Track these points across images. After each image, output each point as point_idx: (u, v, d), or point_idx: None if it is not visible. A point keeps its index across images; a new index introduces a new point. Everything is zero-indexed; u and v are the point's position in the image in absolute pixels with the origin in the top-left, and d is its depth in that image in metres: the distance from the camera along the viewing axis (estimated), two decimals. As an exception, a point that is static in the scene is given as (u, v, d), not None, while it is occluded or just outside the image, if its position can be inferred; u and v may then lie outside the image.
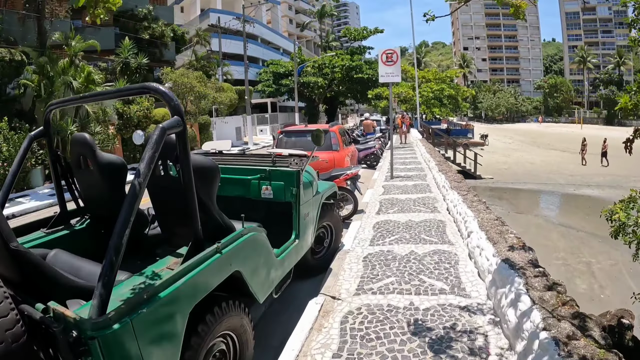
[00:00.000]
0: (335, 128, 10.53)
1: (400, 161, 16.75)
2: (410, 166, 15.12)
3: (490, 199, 20.91)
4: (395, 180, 12.09)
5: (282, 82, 46.66)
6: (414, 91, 36.97)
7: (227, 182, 5.02)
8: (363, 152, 15.95)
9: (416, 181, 11.82)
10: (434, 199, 9.35)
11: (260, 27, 58.14)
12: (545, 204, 20.57)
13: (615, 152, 39.75)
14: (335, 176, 8.13)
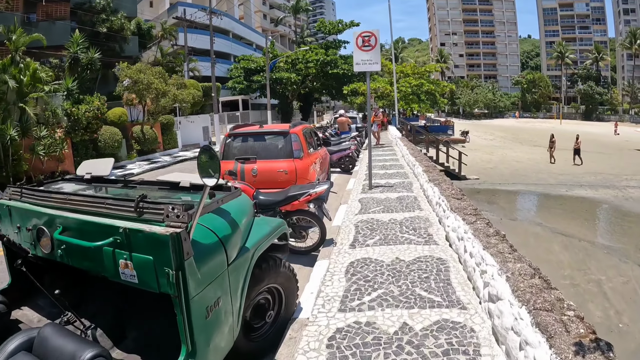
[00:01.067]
0: (299, 129, 8.42)
1: (380, 164, 14.72)
2: (392, 171, 13.09)
3: (479, 203, 18.96)
4: (375, 191, 10.00)
5: (253, 79, 44.22)
6: (392, 86, 35.02)
7: (63, 248, 2.89)
8: (337, 154, 13.84)
9: (400, 192, 9.73)
10: (426, 221, 7.19)
11: (231, 21, 55.60)
12: (539, 208, 18.72)
13: (596, 148, 39.01)
14: (293, 197, 5.99)
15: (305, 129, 9.01)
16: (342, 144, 14.72)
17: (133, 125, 23.42)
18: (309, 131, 9.45)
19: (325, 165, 10.91)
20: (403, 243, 6.09)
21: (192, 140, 30.76)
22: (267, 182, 7.78)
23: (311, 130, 9.87)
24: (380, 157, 16.84)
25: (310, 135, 9.56)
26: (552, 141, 30.08)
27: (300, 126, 8.71)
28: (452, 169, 22.77)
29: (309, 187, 6.09)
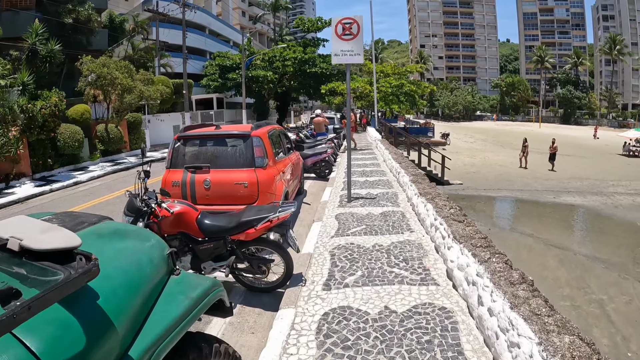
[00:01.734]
0: (263, 131, 7.02)
1: (359, 170, 13.33)
2: (373, 178, 11.73)
3: (465, 210, 17.77)
4: (355, 204, 8.54)
5: (228, 76, 42.51)
6: (372, 86, 33.74)
7: None
8: (311, 158, 12.41)
9: (385, 206, 8.34)
10: (419, 248, 5.79)
11: (208, 16, 53.75)
12: (528, 216, 17.59)
13: (578, 152, 38.41)
14: (247, 224, 4.56)
15: (272, 131, 7.65)
16: (317, 147, 13.33)
17: (97, 124, 21.81)
18: (277, 133, 8.08)
19: (298, 172, 9.54)
20: (393, 282, 4.68)
21: (162, 139, 29.09)
22: (223, 197, 6.41)
23: (280, 133, 8.51)
24: (360, 161, 15.52)
25: (279, 139, 8.19)
26: (524, 145, 28.89)
27: (265, 128, 7.31)
28: (435, 173, 21.60)
29: (269, 211, 4.62)
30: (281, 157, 7.72)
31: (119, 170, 18.48)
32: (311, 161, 12.29)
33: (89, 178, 15.95)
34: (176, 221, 4.68)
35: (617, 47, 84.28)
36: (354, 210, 8.02)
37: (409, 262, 5.26)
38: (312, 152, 12.41)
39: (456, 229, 4.95)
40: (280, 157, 7.68)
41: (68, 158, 18.43)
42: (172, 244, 4.76)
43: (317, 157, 12.35)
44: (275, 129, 7.94)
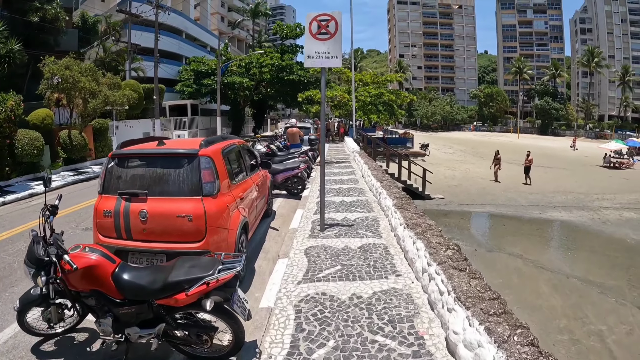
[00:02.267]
0: (215, 149, 5.75)
1: (335, 188, 11.78)
2: (351, 198, 10.30)
3: (448, 228, 16.72)
4: (329, 234, 7.18)
5: (203, 82, 41.12)
6: (350, 95, 32.75)
7: None
8: (282, 174, 11.27)
9: (364, 236, 7.05)
10: (410, 302, 4.55)
11: (185, 20, 52.31)
12: (515, 234, 16.60)
13: (558, 163, 37.97)
14: (176, 286, 3.31)
15: (229, 148, 6.38)
16: (289, 160, 12.13)
17: (61, 130, 20.28)
18: (236, 150, 6.75)
19: (264, 192, 8.33)
20: (376, 358, 3.50)
21: (131, 147, 27.53)
22: (163, 233, 5.08)
23: (241, 148, 7.17)
24: (336, 176, 14.19)
25: (238, 156, 6.87)
26: (497, 158, 27.56)
27: (219, 144, 5.98)
28: (416, 187, 20.55)
29: (205, 268, 3.33)
30: (241, 179, 6.47)
31: (80, 180, 17.05)
32: (282, 177, 11.02)
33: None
34: (86, 276, 3.42)
35: (595, 60, 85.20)
36: (328, 242, 6.74)
37: (396, 326, 4.01)
38: (282, 167, 11.13)
39: (458, 284, 3.76)
40: (240, 179, 6.43)
41: (27, 167, 16.91)
42: (88, 302, 3.55)
43: (288, 173, 11.08)
44: (233, 145, 6.64)
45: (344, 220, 8.11)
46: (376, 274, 5.37)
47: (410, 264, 5.47)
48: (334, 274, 5.36)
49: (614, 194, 25.02)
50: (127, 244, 5.18)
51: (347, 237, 6.95)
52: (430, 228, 5.50)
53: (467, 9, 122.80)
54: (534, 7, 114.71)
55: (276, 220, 9.22)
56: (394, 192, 8.24)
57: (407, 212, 6.46)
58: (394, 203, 7.24)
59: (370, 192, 10.79)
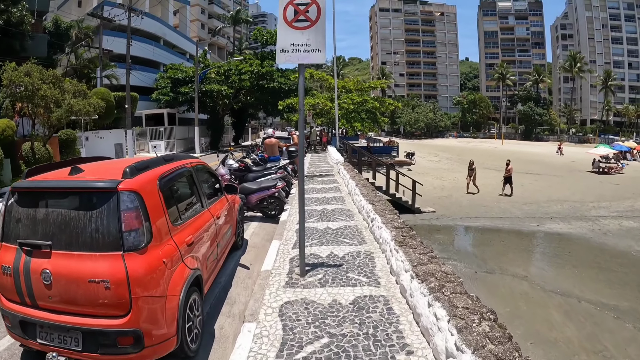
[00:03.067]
0: (147, 178, 4.11)
1: (318, 210, 9.87)
2: (337, 224, 8.48)
3: (444, 247, 15.32)
4: (311, 281, 5.52)
5: (180, 90, 39.44)
6: (333, 102, 31.41)
7: None
8: (256, 194, 9.70)
9: (358, 284, 5.37)
10: None
11: (163, 26, 50.66)
12: (515, 251, 15.26)
13: (546, 169, 36.98)
14: None
15: (172, 174, 4.66)
16: (265, 177, 10.65)
17: (25, 141, 18.79)
18: (185, 175, 5.15)
19: (231, 222, 6.67)
20: None
21: (103, 158, 25.81)
22: (73, 303, 3.54)
23: (194, 172, 5.41)
24: (319, 194, 12.34)
25: (189, 184, 5.27)
26: (471, 169, 25.25)
27: (156, 169, 4.40)
28: (405, 200, 19.15)
29: None
30: (192, 215, 4.90)
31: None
32: (256, 198, 9.46)
33: (2, 208, 12.72)
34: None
35: (578, 65, 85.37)
36: (310, 294, 5.11)
37: None
38: (257, 186, 9.54)
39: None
40: (190, 215, 4.87)
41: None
42: None
43: (263, 193, 9.51)
44: (180, 169, 4.95)
45: (330, 257, 6.46)
46: (379, 351, 3.77)
47: (426, 334, 3.90)
48: (319, 354, 3.78)
49: (609, 201, 24.06)
50: (33, 313, 3.65)
51: (335, 286, 5.30)
52: (448, 279, 3.97)
53: (449, 15, 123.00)
54: (515, 13, 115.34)
55: (247, 254, 7.59)
56: (390, 219, 6.68)
57: (413, 252, 4.90)
58: (394, 236, 5.67)
59: (359, 214, 9.23)
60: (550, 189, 27.05)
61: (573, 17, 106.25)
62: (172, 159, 4.91)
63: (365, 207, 8.14)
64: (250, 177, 10.82)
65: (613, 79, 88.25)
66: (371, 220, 7.30)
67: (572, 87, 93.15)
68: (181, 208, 4.60)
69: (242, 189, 9.39)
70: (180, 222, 4.40)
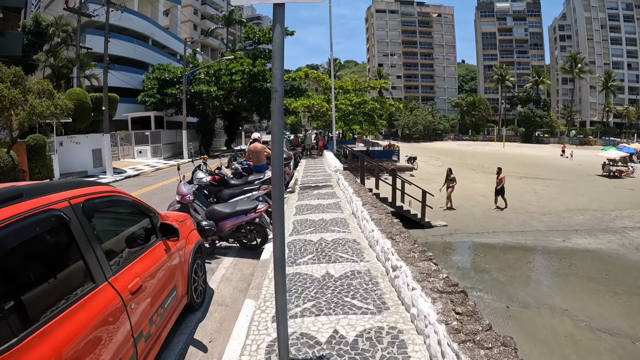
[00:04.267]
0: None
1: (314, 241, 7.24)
2: (341, 267, 5.83)
3: (463, 272, 13.01)
4: None
5: (167, 91, 37.07)
6: (330, 104, 29.18)
7: None
8: (231, 220, 7.20)
9: None
10: None
11: (151, 26, 48.20)
12: (547, 275, 12.98)
13: (554, 174, 34.80)
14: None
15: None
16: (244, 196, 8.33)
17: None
18: (51, 226, 2.60)
19: (175, 279, 4.23)
20: None
21: (77, 167, 23.61)
22: None
23: (80, 215, 2.85)
24: (315, 214, 9.58)
25: (62, 243, 2.74)
26: (449, 179, 21.52)
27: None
28: (414, 213, 16.86)
29: None
30: (64, 306, 2.44)
31: None
32: (230, 225, 7.07)
33: None
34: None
35: (579, 66, 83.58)
36: None
37: None
38: (230, 209, 7.22)
39: None
40: (61, 306, 2.42)
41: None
42: None
43: (239, 219, 7.20)
44: (31, 219, 2.39)
45: (334, 342, 3.81)
46: None
47: None
48: None
49: (630, 209, 21.94)
50: None
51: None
52: None
53: (447, 17, 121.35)
54: (513, 14, 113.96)
55: (209, 319, 5.04)
56: (426, 271, 4.10)
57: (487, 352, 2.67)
58: (441, 311, 3.24)
59: (370, 249, 6.66)
60: (565, 196, 24.97)
61: (571, 18, 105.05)
62: (20, 195, 2.54)
63: (381, 242, 5.77)
64: (226, 194, 8.44)
65: (614, 80, 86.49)
66: (392, 268, 4.92)
67: (572, 88, 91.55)
68: (31, 302, 2.26)
69: (210, 214, 7.07)
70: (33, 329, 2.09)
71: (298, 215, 9.26)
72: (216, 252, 7.57)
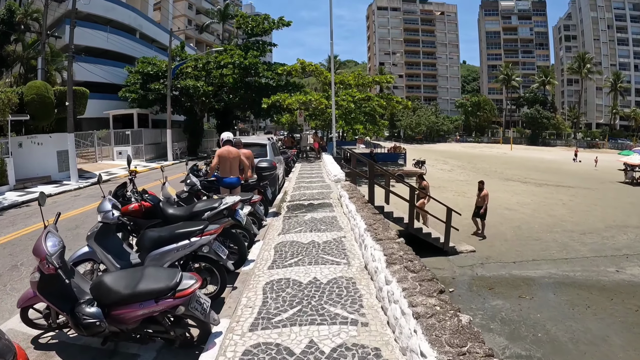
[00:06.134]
0: None
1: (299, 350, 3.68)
2: None
3: (511, 331, 9.22)
4: None
5: (150, 87, 33.71)
6: (329, 100, 25.85)
7: None
8: (132, 309, 3.58)
9: None
10: None
11: (138, 17, 45.07)
12: (614, 329, 9.58)
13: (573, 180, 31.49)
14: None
15: None
16: (176, 245, 4.79)
17: None
18: None
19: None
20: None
21: (39, 171, 20.40)
22: None
23: None
24: (302, 267, 5.85)
25: None
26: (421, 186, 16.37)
27: None
28: (435, 236, 13.38)
29: None
30: None
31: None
32: (134, 316, 3.47)
33: None
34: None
35: (587, 66, 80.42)
36: None
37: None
38: (129, 289, 3.52)
39: None
40: None
41: None
42: None
43: (148, 308, 3.58)
44: None
45: None
46: None
47: None
48: None
49: (676, 226, 18.61)
50: None
51: None
52: None
53: (450, 15, 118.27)
54: (518, 13, 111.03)
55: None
56: None
57: None
58: None
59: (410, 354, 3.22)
60: (598, 209, 21.74)
61: (577, 17, 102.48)
62: None
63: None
64: (148, 239, 4.99)
65: (622, 82, 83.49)
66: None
67: (580, 89, 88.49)
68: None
69: (97, 291, 3.73)
70: None
71: (276, 269, 5.80)
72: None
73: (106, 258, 4.79)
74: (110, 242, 4.94)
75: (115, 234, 5.13)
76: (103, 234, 4.89)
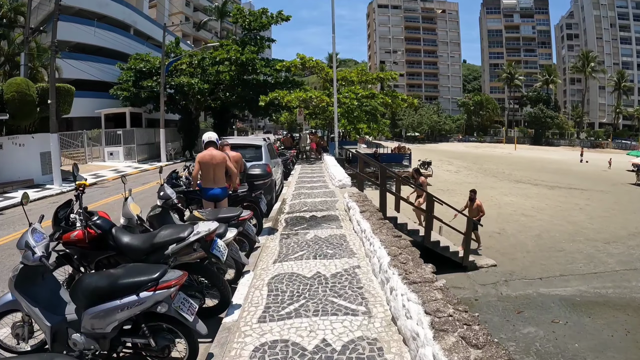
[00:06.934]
0: None
1: None
2: None
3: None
4: None
5: (143, 84, 32.26)
6: (331, 98, 24.42)
7: None
8: None
9: None
10: None
11: (133, 13, 43.68)
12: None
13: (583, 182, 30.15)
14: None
15: None
16: (122, 301, 3.38)
17: None
18: None
19: None
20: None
21: (21, 174, 19.02)
22: None
23: None
24: (304, 319, 4.18)
25: None
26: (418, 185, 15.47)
27: None
28: (453, 250, 11.85)
29: None
30: None
31: None
32: None
33: None
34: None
35: (591, 65, 79.03)
36: None
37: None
38: None
39: None
40: None
41: None
42: None
43: None
44: None
45: None
46: None
47: None
48: None
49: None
50: None
51: None
52: None
53: (451, 13, 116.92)
54: (520, 11, 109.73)
55: None
56: None
57: None
58: None
59: None
60: (616, 214, 20.47)
61: (579, 16, 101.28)
62: None
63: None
64: (85, 288, 3.46)
65: (626, 81, 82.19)
66: None
67: (583, 88, 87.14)
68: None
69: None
70: None
71: (270, 322, 4.18)
72: None
73: (32, 311, 3.37)
74: (38, 288, 3.51)
75: (46, 276, 3.64)
76: (27, 278, 3.47)
